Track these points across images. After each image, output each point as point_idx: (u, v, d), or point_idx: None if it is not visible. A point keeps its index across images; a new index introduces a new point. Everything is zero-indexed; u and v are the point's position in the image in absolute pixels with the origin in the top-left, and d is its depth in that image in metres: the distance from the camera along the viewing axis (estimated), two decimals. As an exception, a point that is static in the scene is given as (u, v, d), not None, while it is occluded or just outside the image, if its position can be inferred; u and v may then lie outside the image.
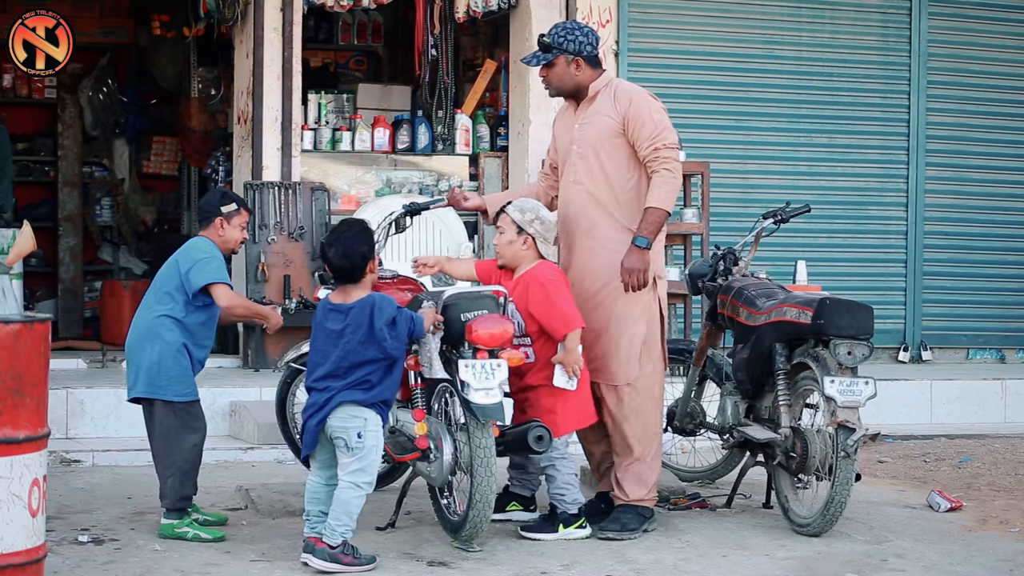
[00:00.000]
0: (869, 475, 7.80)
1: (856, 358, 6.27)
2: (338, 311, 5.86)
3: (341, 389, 5.77)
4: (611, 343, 6.44)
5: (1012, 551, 6.31)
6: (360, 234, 5.93)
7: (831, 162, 10.83)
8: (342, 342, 5.79)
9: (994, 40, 11.13)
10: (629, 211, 6.44)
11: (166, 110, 13.18)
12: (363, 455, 5.76)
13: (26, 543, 4.87)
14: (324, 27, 11.93)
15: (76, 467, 7.87)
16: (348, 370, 5.77)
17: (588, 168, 6.50)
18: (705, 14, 10.48)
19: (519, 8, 10.23)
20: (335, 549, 5.69)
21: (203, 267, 6.19)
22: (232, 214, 6.35)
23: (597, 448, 6.66)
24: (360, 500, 5.77)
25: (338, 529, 5.72)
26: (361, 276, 5.88)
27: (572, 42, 6.51)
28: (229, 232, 6.35)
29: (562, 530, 6.37)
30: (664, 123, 6.42)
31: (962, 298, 11.09)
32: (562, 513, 6.39)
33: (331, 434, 5.80)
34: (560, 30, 6.57)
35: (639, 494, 6.46)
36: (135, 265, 13.18)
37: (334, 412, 5.77)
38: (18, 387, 4.86)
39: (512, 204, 6.49)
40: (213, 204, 6.39)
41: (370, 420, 5.79)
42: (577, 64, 6.53)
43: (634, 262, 6.29)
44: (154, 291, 6.32)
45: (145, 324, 6.27)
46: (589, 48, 6.54)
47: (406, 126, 10.53)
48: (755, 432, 6.70)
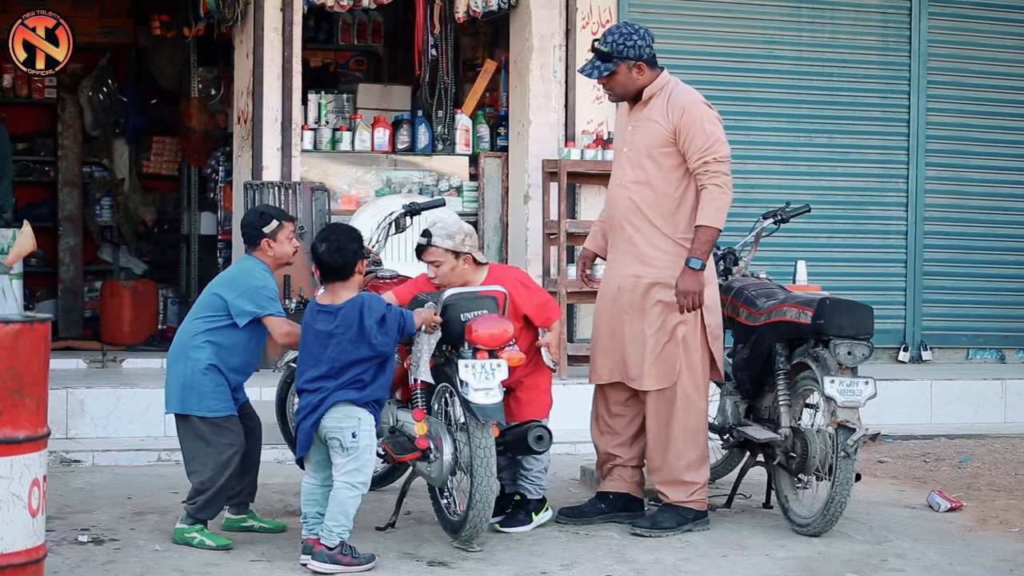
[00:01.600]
0: (869, 475, 7.80)
1: (856, 358, 6.27)
2: (327, 312, 5.86)
3: (334, 389, 5.77)
4: (648, 350, 6.45)
5: (1012, 551, 6.31)
6: (350, 232, 5.98)
7: (831, 162, 10.82)
8: (332, 343, 5.79)
9: (994, 40, 11.12)
10: (673, 221, 6.43)
11: (166, 110, 13.17)
12: (358, 455, 5.76)
13: (26, 543, 4.87)
14: (324, 27, 11.93)
15: (76, 467, 7.87)
16: (340, 370, 5.78)
17: (635, 174, 6.49)
18: (705, 14, 10.47)
19: (519, 8, 10.23)
20: (333, 550, 5.70)
21: (254, 296, 6.10)
22: (276, 231, 6.24)
23: (606, 446, 6.70)
24: (356, 500, 5.76)
25: (335, 530, 5.72)
26: (351, 274, 5.89)
27: (632, 48, 6.40)
28: (278, 248, 6.26)
29: (535, 518, 6.52)
30: (716, 135, 6.35)
31: (962, 298, 11.09)
32: (531, 501, 6.52)
33: (325, 435, 5.79)
34: (618, 36, 6.43)
35: (679, 496, 6.49)
36: (135, 265, 13.18)
37: (328, 412, 5.77)
38: (18, 387, 4.86)
39: (433, 233, 6.38)
40: (255, 226, 6.27)
41: (364, 420, 5.79)
42: (639, 68, 6.44)
43: (689, 284, 6.28)
44: (199, 306, 6.25)
45: (180, 341, 6.22)
46: (648, 51, 6.44)
47: (406, 126, 10.53)
48: (755, 432, 6.71)
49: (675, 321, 6.41)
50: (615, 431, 6.66)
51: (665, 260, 6.41)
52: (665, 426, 6.47)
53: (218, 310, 6.15)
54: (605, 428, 6.70)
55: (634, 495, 6.68)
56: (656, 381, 6.47)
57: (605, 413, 6.69)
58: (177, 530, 6.17)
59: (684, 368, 6.44)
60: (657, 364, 6.45)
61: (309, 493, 5.88)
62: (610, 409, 6.67)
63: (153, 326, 12.10)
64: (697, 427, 6.50)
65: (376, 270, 6.91)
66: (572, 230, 9.65)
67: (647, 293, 6.45)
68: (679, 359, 6.43)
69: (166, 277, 13.10)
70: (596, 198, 10.17)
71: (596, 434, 6.74)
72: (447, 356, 6.08)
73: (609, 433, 6.69)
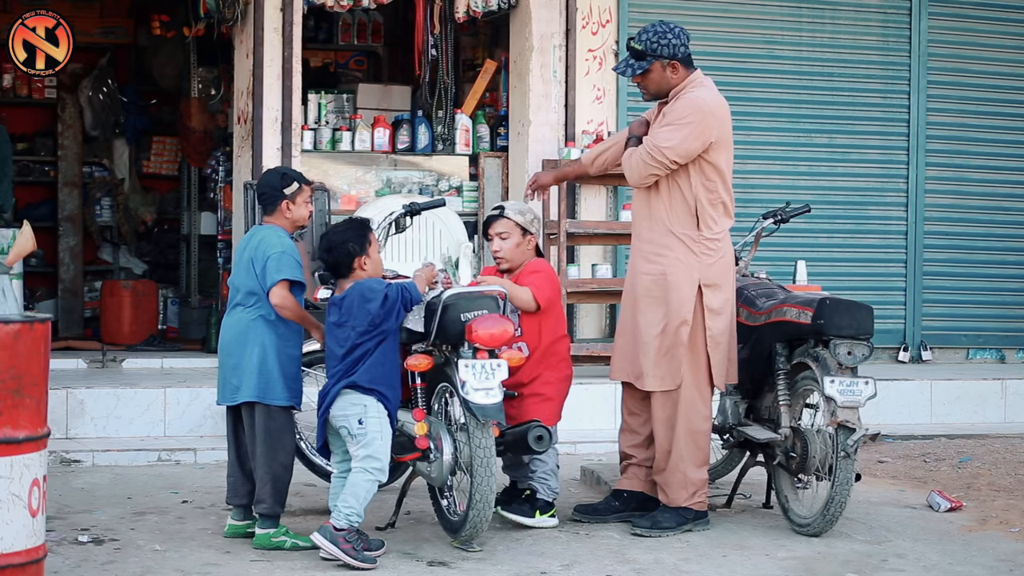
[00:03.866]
0: (869, 475, 7.80)
1: (856, 358, 6.27)
2: (334, 304, 6.02)
3: (341, 377, 5.89)
4: (650, 349, 6.46)
5: (1012, 551, 6.31)
6: (350, 231, 6.02)
7: (831, 162, 10.82)
8: (342, 333, 5.93)
9: (994, 40, 11.12)
10: (682, 218, 6.43)
11: (166, 110, 13.18)
12: (367, 441, 5.82)
13: (26, 543, 4.87)
14: (324, 27, 11.93)
15: (76, 467, 7.87)
16: (345, 354, 5.89)
17: None
18: (705, 14, 10.47)
19: (519, 8, 10.22)
20: (339, 531, 5.73)
21: (273, 264, 6.02)
22: (296, 193, 6.19)
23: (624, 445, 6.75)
24: (369, 485, 5.80)
25: (343, 511, 5.76)
26: (348, 272, 5.99)
27: (667, 46, 6.37)
28: (296, 211, 6.21)
29: (537, 516, 6.53)
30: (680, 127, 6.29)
31: (962, 298, 11.09)
32: (540, 500, 6.53)
33: (336, 424, 5.90)
34: (652, 35, 6.39)
35: (680, 497, 6.49)
36: (135, 265, 13.18)
37: (335, 402, 5.88)
38: (18, 387, 4.86)
39: (507, 207, 6.60)
40: (275, 187, 6.20)
41: (370, 407, 5.86)
42: (674, 67, 6.42)
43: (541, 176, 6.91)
44: (238, 293, 6.15)
45: (242, 326, 6.08)
46: (683, 49, 6.40)
47: (406, 126, 10.53)
48: (755, 432, 6.71)
49: (678, 321, 6.41)
50: (633, 430, 6.69)
51: (670, 258, 6.41)
52: (669, 427, 6.48)
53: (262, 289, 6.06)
54: (625, 426, 6.76)
55: (649, 494, 6.68)
56: (659, 382, 6.47)
57: (625, 411, 6.74)
58: (259, 536, 6.04)
59: (688, 371, 6.44)
60: (661, 365, 6.45)
61: (332, 487, 6.01)
62: (628, 407, 6.71)
63: (153, 326, 12.11)
64: (700, 429, 6.50)
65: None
66: (572, 230, 9.65)
67: (649, 291, 6.46)
68: (683, 361, 6.43)
69: (166, 277, 13.11)
70: (596, 198, 10.18)
71: (620, 432, 6.78)
72: (447, 356, 6.08)
73: (627, 431, 6.73)
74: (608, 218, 10.14)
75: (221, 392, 6.21)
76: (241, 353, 6.06)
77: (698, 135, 6.33)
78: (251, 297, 6.11)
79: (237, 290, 6.18)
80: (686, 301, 6.40)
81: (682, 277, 6.40)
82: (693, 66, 6.49)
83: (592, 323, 10.25)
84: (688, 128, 6.33)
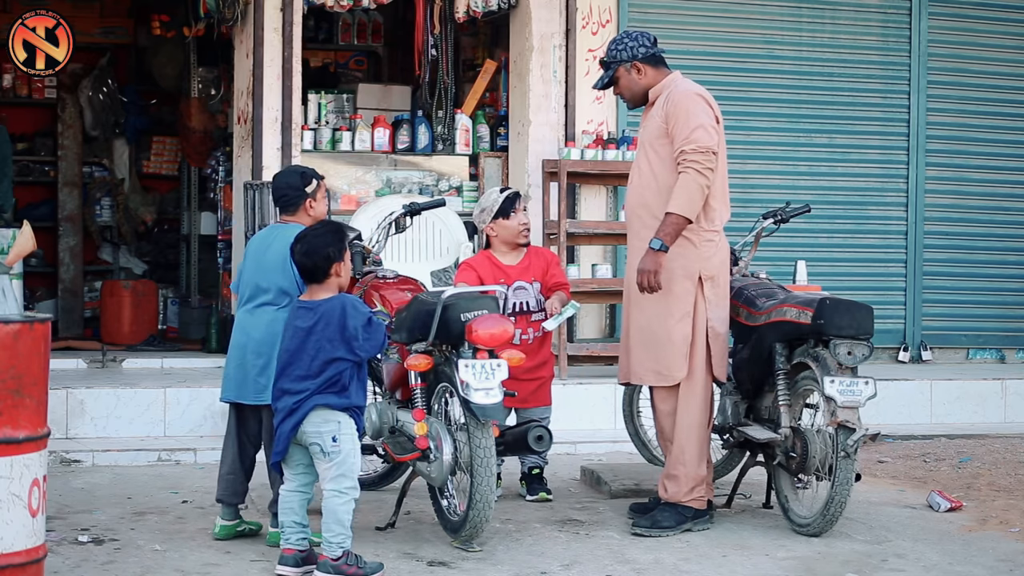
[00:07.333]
0: (869, 475, 7.80)
1: (856, 358, 6.27)
2: (307, 308, 5.71)
3: (314, 392, 5.61)
4: (650, 343, 6.48)
5: (1012, 551, 6.31)
6: (327, 235, 5.76)
7: (831, 162, 10.82)
8: (311, 339, 5.64)
9: (994, 40, 11.12)
10: None
11: (166, 110, 13.18)
12: (341, 460, 5.61)
13: (26, 543, 4.87)
14: (324, 27, 11.94)
15: (76, 467, 7.87)
16: (320, 370, 5.61)
17: (640, 169, 6.56)
18: (705, 14, 10.48)
19: (519, 8, 10.23)
20: (338, 560, 5.57)
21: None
22: (316, 191, 6.24)
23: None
24: (348, 506, 5.61)
25: (333, 541, 5.58)
26: (324, 277, 5.72)
27: (624, 50, 6.56)
28: (318, 208, 6.24)
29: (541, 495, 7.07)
30: (697, 123, 6.35)
31: (962, 298, 11.08)
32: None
33: (305, 440, 5.65)
34: (612, 44, 6.64)
35: (675, 493, 6.49)
36: (135, 265, 13.18)
37: (308, 417, 5.62)
38: (18, 387, 4.86)
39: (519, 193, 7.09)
40: (297, 187, 6.21)
41: (344, 423, 5.63)
42: (638, 69, 6.56)
43: (646, 263, 6.32)
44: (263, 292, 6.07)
45: (277, 326, 5.94)
46: (642, 50, 6.55)
47: (406, 126, 10.53)
48: (755, 432, 6.70)
49: (680, 313, 6.41)
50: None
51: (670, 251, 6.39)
52: (672, 420, 6.48)
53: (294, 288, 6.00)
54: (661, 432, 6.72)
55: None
56: (656, 378, 6.48)
57: (652, 411, 6.73)
58: (275, 534, 5.96)
59: (689, 363, 6.45)
60: (659, 361, 6.46)
61: (285, 501, 5.72)
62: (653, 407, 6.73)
63: (153, 326, 12.11)
64: (699, 424, 6.51)
65: (376, 270, 6.90)
66: (572, 230, 9.65)
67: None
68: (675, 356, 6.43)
69: (166, 277, 13.11)
70: (596, 198, 10.19)
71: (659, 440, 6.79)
72: (447, 356, 6.08)
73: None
74: (608, 218, 10.14)
75: (237, 390, 6.12)
76: (272, 353, 5.93)
77: (708, 112, 6.45)
78: (285, 296, 6.04)
79: (260, 289, 6.10)
80: (688, 293, 6.41)
81: (683, 270, 6.41)
82: (666, 67, 6.62)
83: (592, 323, 10.25)
84: (703, 117, 6.40)
